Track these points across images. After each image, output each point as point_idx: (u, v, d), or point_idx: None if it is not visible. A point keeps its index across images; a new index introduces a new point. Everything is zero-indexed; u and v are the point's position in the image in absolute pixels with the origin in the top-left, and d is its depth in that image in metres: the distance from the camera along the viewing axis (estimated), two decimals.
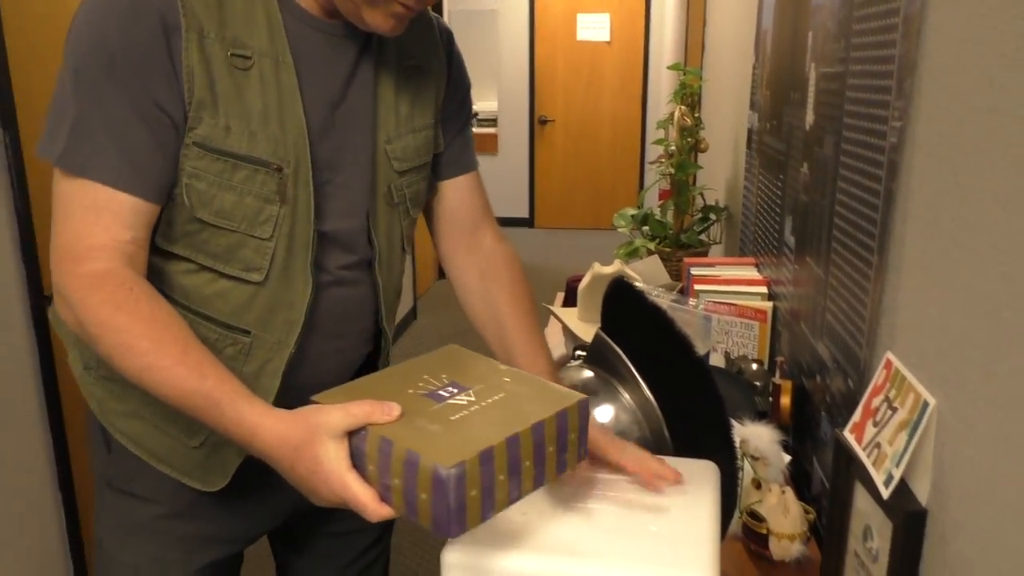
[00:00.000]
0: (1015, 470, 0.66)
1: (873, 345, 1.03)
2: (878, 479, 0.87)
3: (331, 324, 1.02)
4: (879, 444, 0.90)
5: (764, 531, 1.12)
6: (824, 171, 1.30)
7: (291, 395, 0.96)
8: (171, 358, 0.82)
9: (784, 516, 1.11)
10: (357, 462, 0.76)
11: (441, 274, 5.99)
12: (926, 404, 0.83)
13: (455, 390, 0.81)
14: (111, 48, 0.83)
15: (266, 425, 0.80)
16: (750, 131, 2.11)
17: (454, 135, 1.14)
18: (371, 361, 1.13)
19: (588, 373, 1.16)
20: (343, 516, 1.19)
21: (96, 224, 0.85)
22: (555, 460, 0.79)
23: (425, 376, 0.85)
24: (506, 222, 7.62)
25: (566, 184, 7.56)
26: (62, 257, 0.86)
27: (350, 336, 1.06)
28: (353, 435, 0.77)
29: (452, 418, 0.76)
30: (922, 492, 0.84)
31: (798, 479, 1.37)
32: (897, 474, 0.84)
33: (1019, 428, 0.65)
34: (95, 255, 0.85)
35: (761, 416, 1.42)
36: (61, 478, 1.96)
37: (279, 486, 1.01)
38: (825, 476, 1.22)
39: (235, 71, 0.87)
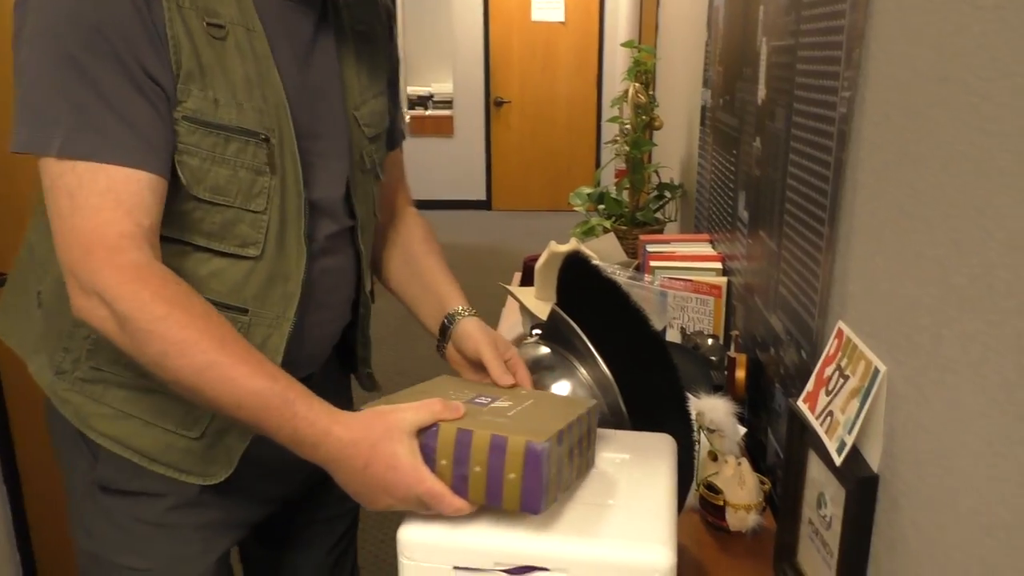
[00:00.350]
0: (965, 434, 0.67)
1: (825, 315, 1.03)
2: (831, 446, 0.88)
3: (321, 295, 1.00)
4: (831, 412, 0.91)
5: (720, 503, 1.12)
6: (776, 145, 1.30)
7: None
8: (235, 356, 0.79)
9: (740, 487, 1.11)
10: (426, 459, 0.79)
11: None
12: (877, 371, 0.83)
13: (489, 399, 0.87)
14: (90, 22, 0.78)
15: (343, 423, 0.79)
16: (704, 108, 2.12)
17: (392, 107, 1.15)
18: (349, 333, 1.14)
19: (544, 349, 1.15)
20: (328, 502, 1.17)
21: (118, 209, 0.80)
22: (586, 454, 0.86)
23: (450, 392, 0.89)
24: (463, 205, 7.58)
25: (523, 166, 7.54)
26: (91, 248, 0.79)
27: (335, 307, 1.06)
28: (421, 433, 0.79)
29: (509, 415, 0.82)
30: (874, 458, 0.85)
31: (753, 451, 1.38)
32: (849, 441, 0.85)
33: (969, 393, 0.66)
34: (128, 244, 0.80)
35: (717, 390, 1.43)
36: (7, 475, 1.90)
37: (275, 470, 1.01)
38: (780, 447, 1.24)
39: (214, 41, 0.85)
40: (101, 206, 0.80)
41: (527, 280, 2.29)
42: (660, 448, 0.94)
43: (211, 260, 0.90)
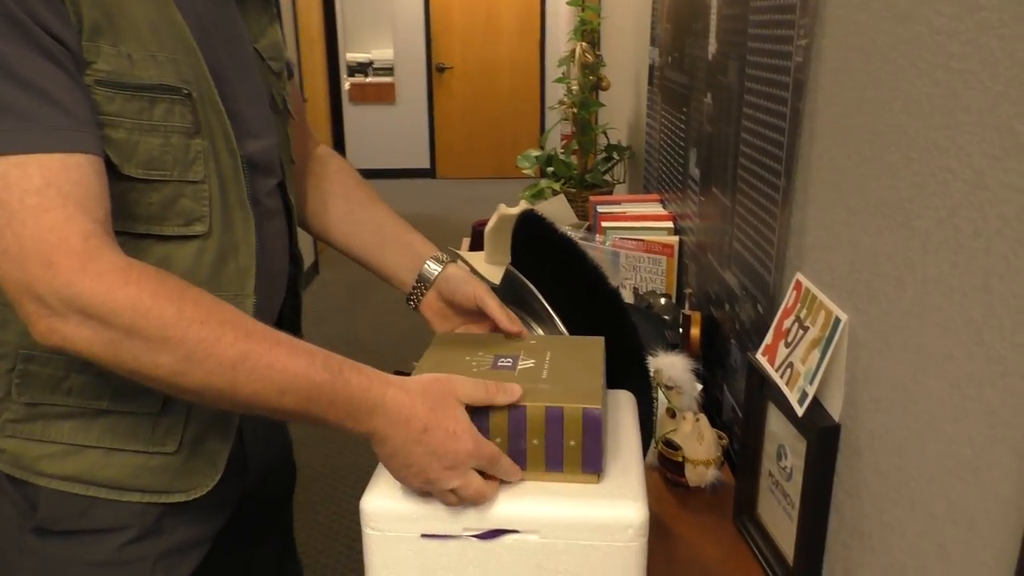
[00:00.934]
0: (930, 378, 0.66)
1: (782, 269, 1.03)
2: (792, 398, 0.88)
3: (268, 264, 0.92)
4: (792, 364, 0.91)
5: (679, 459, 1.12)
6: (729, 99, 1.29)
7: None
8: (266, 339, 0.71)
9: (699, 443, 1.11)
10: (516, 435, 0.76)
11: None
12: (837, 320, 0.83)
13: (510, 359, 0.85)
14: None
15: (397, 384, 0.74)
16: (651, 67, 2.09)
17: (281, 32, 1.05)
18: (290, 301, 1.05)
19: None
20: (275, 494, 1.10)
21: (67, 206, 0.67)
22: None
23: (466, 358, 0.85)
24: (406, 173, 7.48)
25: (467, 132, 7.46)
26: (51, 260, 0.66)
27: (280, 275, 0.98)
28: (471, 412, 0.76)
29: (544, 377, 0.80)
30: (835, 408, 0.85)
31: (709, 408, 1.38)
32: (811, 391, 0.85)
33: (934, 337, 0.66)
34: (98, 245, 0.68)
35: (672, 348, 1.43)
36: None
37: (236, 468, 0.92)
38: (736, 403, 1.24)
39: None
40: (45, 206, 0.66)
41: (476, 245, 2.25)
42: (621, 405, 0.93)
43: (154, 247, 0.79)
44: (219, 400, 0.72)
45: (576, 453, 0.75)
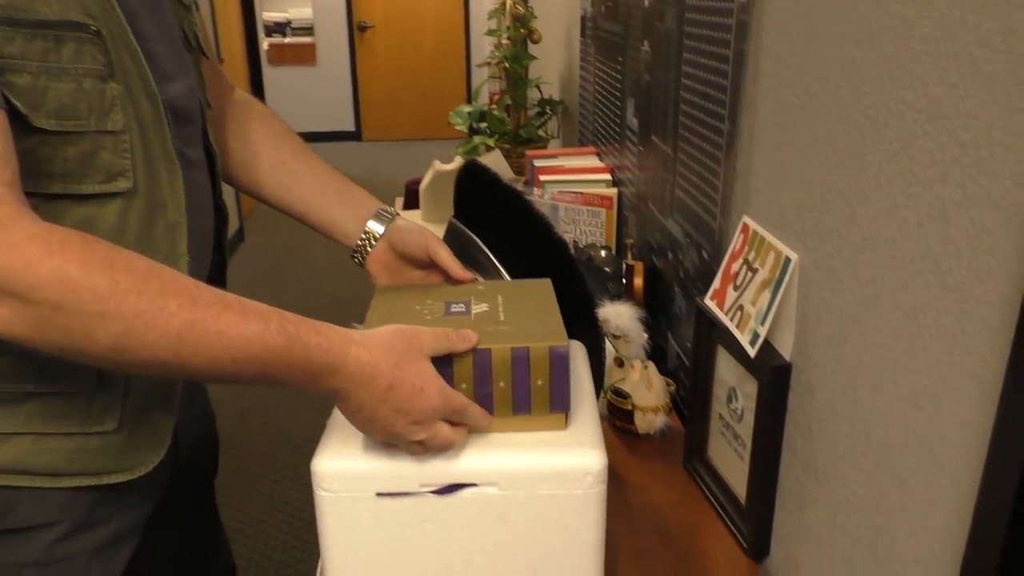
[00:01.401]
0: (884, 310, 0.67)
1: (727, 213, 1.03)
2: (743, 340, 0.88)
3: (197, 218, 0.85)
4: (741, 307, 0.91)
5: (629, 407, 1.13)
6: (667, 46, 1.27)
7: None
8: (213, 305, 0.65)
9: (648, 390, 1.12)
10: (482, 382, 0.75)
11: None
12: (788, 260, 0.83)
13: (462, 305, 0.82)
14: None
15: (359, 341, 0.69)
16: (583, 18, 2.06)
17: None
18: (215, 260, 0.99)
19: None
20: (202, 470, 1.05)
21: None
22: None
23: (416, 308, 0.82)
24: (330, 136, 7.29)
25: (391, 93, 7.30)
26: None
27: (208, 231, 0.91)
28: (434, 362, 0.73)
29: (502, 319, 0.78)
30: (786, 347, 0.86)
31: (654, 356, 1.39)
32: (763, 332, 0.85)
33: (888, 269, 0.66)
34: (9, 213, 0.61)
35: (616, 300, 1.43)
36: None
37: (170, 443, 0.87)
38: (681, 351, 1.25)
39: None
40: None
41: (411, 204, 2.21)
42: (573, 355, 0.92)
43: (72, 209, 0.72)
44: (166, 373, 0.67)
45: (544, 393, 0.74)
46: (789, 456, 0.87)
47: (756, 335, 0.86)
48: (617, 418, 1.15)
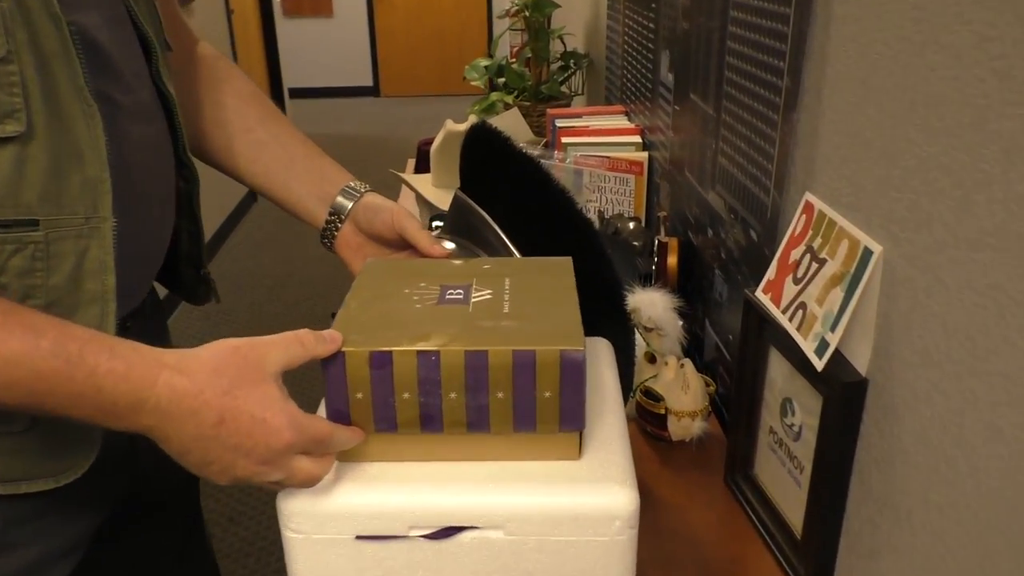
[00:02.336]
0: (1008, 330, 0.51)
1: (784, 187, 0.86)
2: (807, 348, 0.72)
3: (138, 176, 0.71)
4: (804, 305, 0.75)
5: (661, 411, 0.97)
6: None
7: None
8: None
9: (684, 392, 0.96)
10: (429, 394, 0.60)
11: None
12: (868, 252, 0.67)
13: (461, 291, 0.67)
14: None
15: (173, 365, 0.55)
16: None
17: None
18: (187, 227, 0.85)
19: (448, 245, 0.94)
20: (174, 476, 0.91)
21: None
22: None
23: (405, 291, 0.68)
24: (346, 92, 7.10)
25: (410, 47, 7.07)
26: None
27: (160, 194, 0.77)
28: (329, 364, 0.59)
29: (504, 311, 0.64)
30: (860, 359, 0.70)
31: (688, 347, 1.24)
32: (833, 340, 0.69)
33: (1018, 276, 0.50)
34: None
35: (644, 280, 1.27)
36: None
37: (120, 452, 0.73)
38: (721, 343, 1.09)
39: None
40: None
41: (423, 166, 2.05)
42: (596, 355, 0.77)
43: None
44: None
45: (552, 407, 0.59)
46: (861, 490, 0.71)
47: (824, 344, 0.70)
48: (647, 422, 1.00)
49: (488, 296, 0.67)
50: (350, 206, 0.83)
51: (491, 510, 0.60)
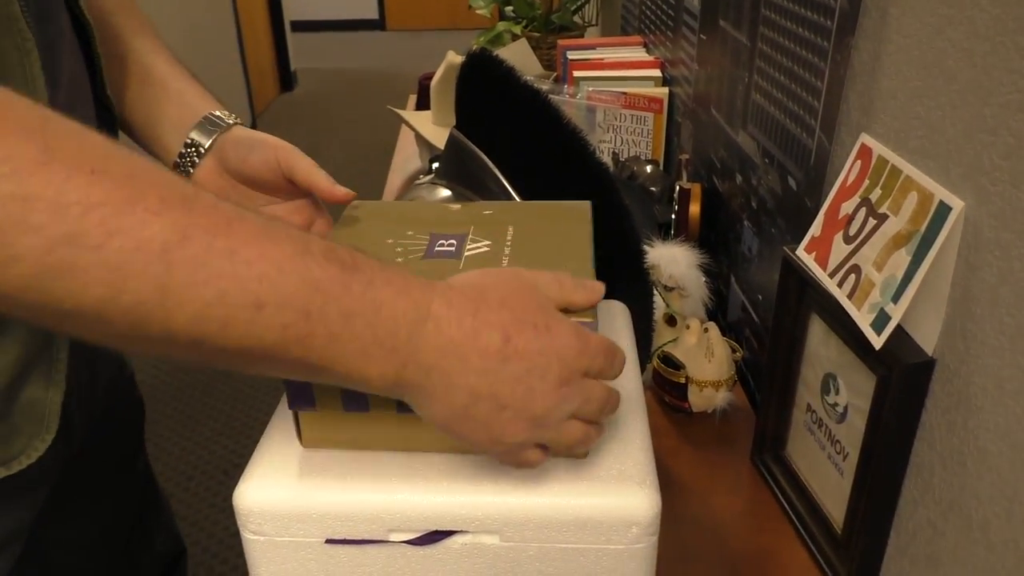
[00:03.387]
0: None
1: (833, 128, 0.74)
2: (862, 320, 0.61)
3: (72, 106, 0.60)
4: (858, 268, 0.63)
5: (682, 380, 0.87)
6: None
7: None
8: (218, 212, 0.38)
9: (707, 360, 0.85)
10: None
11: (284, 86, 5.34)
12: (945, 208, 0.55)
13: (454, 241, 0.57)
14: None
15: (445, 282, 0.44)
16: None
17: None
18: None
19: (443, 192, 0.83)
20: (117, 445, 0.82)
21: None
22: None
23: (388, 242, 0.57)
24: (351, 25, 6.86)
25: None
26: None
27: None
28: None
29: (504, 267, 0.53)
30: (926, 336, 0.59)
31: (712, 309, 1.13)
32: (896, 314, 0.57)
33: None
34: None
35: (662, 229, 1.15)
36: None
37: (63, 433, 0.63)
38: (749, 301, 0.98)
39: None
40: None
41: (424, 103, 1.91)
42: (613, 322, 0.66)
43: None
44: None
45: None
46: (918, 487, 0.61)
47: (884, 316, 0.58)
48: (666, 392, 0.90)
49: (485, 249, 0.56)
50: (211, 139, 0.68)
51: (484, 512, 0.50)
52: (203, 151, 0.69)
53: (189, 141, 0.69)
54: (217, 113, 0.70)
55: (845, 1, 0.70)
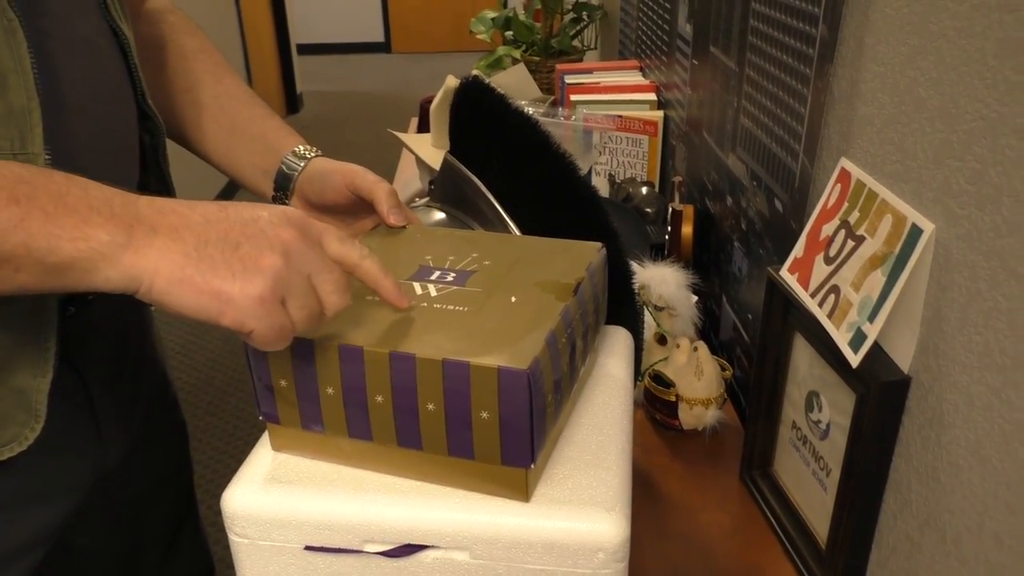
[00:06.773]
0: None
1: (815, 152, 0.76)
2: (840, 339, 0.63)
3: (81, 112, 0.62)
4: (837, 288, 0.65)
5: (672, 398, 0.88)
6: None
7: None
8: None
9: (697, 378, 0.87)
10: (353, 394, 0.51)
11: (290, 108, 5.40)
12: (917, 230, 0.57)
13: (439, 271, 0.59)
14: None
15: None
16: None
17: None
18: (154, 185, 0.75)
19: (438, 215, 0.85)
20: (155, 470, 0.84)
21: None
22: (593, 331, 0.62)
23: (398, 260, 0.61)
24: (357, 48, 6.94)
25: (423, 1, 6.88)
26: None
27: (116, 143, 0.66)
28: (297, 346, 0.50)
29: (476, 303, 0.54)
30: (902, 354, 0.60)
31: (703, 328, 1.14)
32: (872, 332, 0.59)
33: None
34: None
35: (656, 251, 1.17)
36: None
37: (75, 444, 0.65)
38: (740, 321, 0.99)
39: None
40: None
41: (425, 126, 1.94)
42: (611, 347, 0.68)
43: None
44: None
45: (491, 433, 0.49)
46: (897, 502, 0.62)
47: (861, 335, 0.60)
48: (657, 410, 0.91)
49: (471, 291, 0.56)
50: (294, 177, 0.73)
51: (455, 529, 0.51)
52: (290, 192, 0.74)
53: (276, 184, 0.75)
54: (296, 151, 0.74)
55: (825, 30, 0.72)
